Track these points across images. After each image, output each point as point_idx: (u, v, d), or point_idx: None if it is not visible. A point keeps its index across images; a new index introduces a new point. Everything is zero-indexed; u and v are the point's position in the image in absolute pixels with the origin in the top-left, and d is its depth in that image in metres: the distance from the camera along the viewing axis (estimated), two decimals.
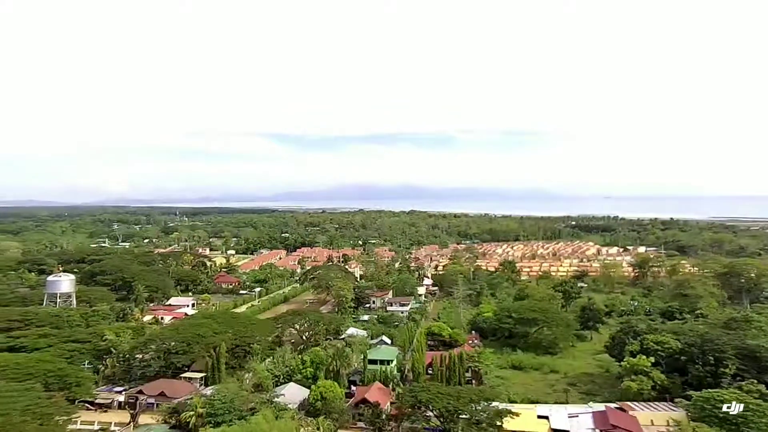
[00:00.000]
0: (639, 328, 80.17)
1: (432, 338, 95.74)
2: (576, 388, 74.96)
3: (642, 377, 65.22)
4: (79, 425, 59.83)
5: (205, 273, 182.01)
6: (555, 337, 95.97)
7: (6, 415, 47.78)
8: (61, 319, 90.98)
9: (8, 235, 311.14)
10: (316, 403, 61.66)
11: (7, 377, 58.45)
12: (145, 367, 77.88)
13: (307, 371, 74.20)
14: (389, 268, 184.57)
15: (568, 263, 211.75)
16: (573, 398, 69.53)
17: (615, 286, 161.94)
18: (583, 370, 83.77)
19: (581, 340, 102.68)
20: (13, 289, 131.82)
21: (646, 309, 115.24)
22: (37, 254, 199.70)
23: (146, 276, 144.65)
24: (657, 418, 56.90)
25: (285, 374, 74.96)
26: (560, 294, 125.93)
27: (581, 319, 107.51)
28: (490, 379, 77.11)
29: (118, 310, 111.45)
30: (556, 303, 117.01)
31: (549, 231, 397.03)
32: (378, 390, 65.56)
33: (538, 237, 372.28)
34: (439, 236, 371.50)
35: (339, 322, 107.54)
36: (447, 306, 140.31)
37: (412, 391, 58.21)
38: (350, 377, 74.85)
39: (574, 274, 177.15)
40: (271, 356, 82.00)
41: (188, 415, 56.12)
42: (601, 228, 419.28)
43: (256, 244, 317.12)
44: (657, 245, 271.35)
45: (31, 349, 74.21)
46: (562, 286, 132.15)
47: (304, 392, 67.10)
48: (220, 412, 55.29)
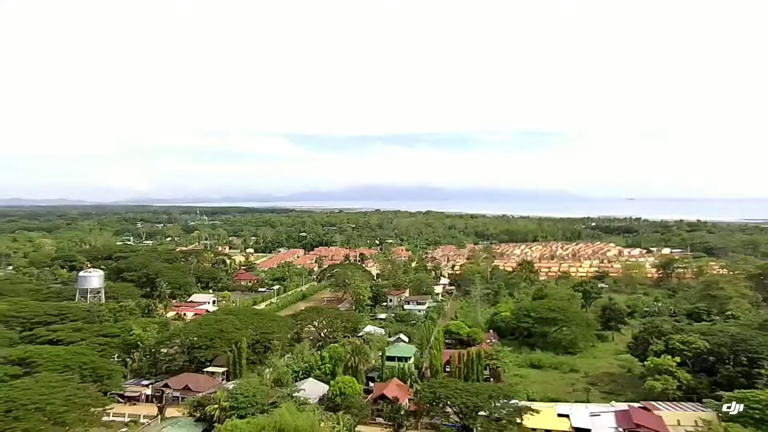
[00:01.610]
0: (663, 328, 79.03)
1: (449, 337, 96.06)
2: (597, 387, 74.54)
3: (667, 377, 64.39)
4: (112, 417, 61.85)
5: (225, 271, 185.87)
6: (575, 336, 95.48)
7: (52, 404, 50.13)
8: (92, 314, 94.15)
9: (43, 233, 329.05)
10: (336, 398, 62.70)
11: (49, 368, 61.02)
12: (170, 362, 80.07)
13: (326, 367, 75.36)
14: (406, 268, 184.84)
15: (588, 264, 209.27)
16: (594, 397, 69.16)
17: (637, 287, 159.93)
18: (604, 370, 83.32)
19: (602, 340, 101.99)
20: (49, 284, 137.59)
21: (670, 310, 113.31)
22: (68, 251, 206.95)
23: (169, 273, 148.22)
24: (684, 418, 55.94)
25: (304, 370, 76.35)
26: (580, 294, 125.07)
27: (602, 319, 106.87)
28: (509, 378, 77.04)
29: (144, 306, 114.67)
30: (576, 303, 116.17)
31: (568, 232, 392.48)
32: (396, 386, 66.26)
33: (557, 238, 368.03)
34: (455, 236, 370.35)
35: (356, 320, 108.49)
36: (464, 305, 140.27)
37: (430, 387, 58.67)
38: (368, 374, 75.78)
39: (594, 275, 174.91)
40: (290, 352, 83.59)
41: (212, 409, 57.43)
42: (623, 229, 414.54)
43: (275, 242, 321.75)
44: (683, 247, 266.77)
45: (67, 342, 76.85)
46: (581, 287, 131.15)
47: (324, 387, 68.25)
48: (243, 405, 56.69)
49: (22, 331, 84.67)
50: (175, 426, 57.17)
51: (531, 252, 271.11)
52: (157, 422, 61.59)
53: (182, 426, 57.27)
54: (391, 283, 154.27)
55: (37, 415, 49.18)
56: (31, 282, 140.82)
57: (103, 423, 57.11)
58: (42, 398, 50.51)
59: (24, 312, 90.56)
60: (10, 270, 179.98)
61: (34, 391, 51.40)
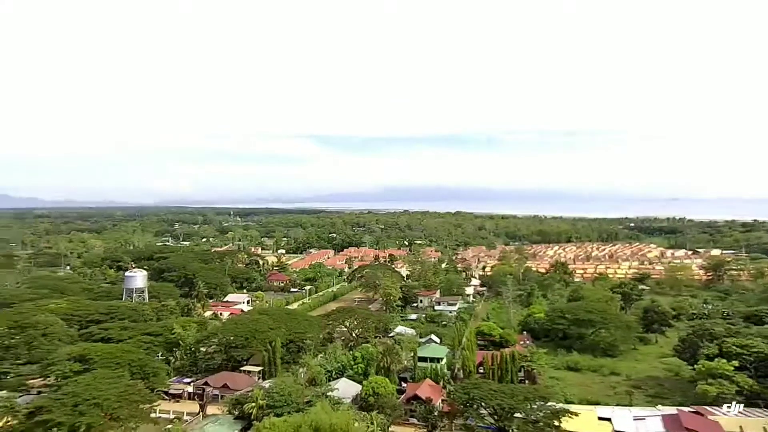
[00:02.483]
0: (716, 331, 75.58)
1: (482, 338, 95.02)
2: (641, 391, 72.27)
3: (722, 381, 61.60)
4: (158, 413, 63.84)
5: (258, 271, 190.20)
6: (614, 339, 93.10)
7: (108, 400, 52.75)
8: (138, 313, 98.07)
9: (93, 234, 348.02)
10: (369, 398, 63.15)
11: (103, 365, 63.93)
12: (209, 360, 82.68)
13: (359, 367, 76.04)
14: (436, 268, 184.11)
15: (627, 265, 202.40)
16: (638, 401, 66.91)
17: (683, 288, 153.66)
18: (648, 373, 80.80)
19: (645, 343, 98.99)
20: (100, 283, 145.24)
21: (723, 312, 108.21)
22: (114, 252, 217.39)
23: (205, 273, 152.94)
24: (749, 424, 52.43)
25: (337, 370, 77.20)
26: (619, 296, 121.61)
27: (644, 321, 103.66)
28: (545, 380, 75.65)
29: (183, 306, 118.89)
30: (615, 305, 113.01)
31: (604, 233, 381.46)
32: (429, 386, 66.19)
33: (593, 239, 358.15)
34: (486, 237, 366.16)
35: (387, 320, 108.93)
36: (496, 306, 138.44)
37: (464, 388, 58.26)
38: (400, 374, 75.81)
39: (633, 277, 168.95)
40: (323, 352, 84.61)
41: (250, 407, 58.95)
42: (665, 230, 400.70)
43: (305, 243, 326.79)
44: (736, 248, 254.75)
45: (116, 340, 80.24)
46: (620, 288, 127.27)
47: (356, 387, 68.88)
48: (279, 404, 57.92)
49: (80, 328, 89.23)
50: (216, 423, 59.04)
51: (565, 253, 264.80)
52: (198, 419, 63.57)
53: (222, 423, 59.09)
54: (421, 284, 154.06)
55: (97, 410, 51.72)
56: (85, 282, 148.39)
57: (150, 419, 59.26)
58: (100, 394, 53.03)
59: (80, 310, 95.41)
60: (68, 270, 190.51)
61: (92, 386, 53.95)
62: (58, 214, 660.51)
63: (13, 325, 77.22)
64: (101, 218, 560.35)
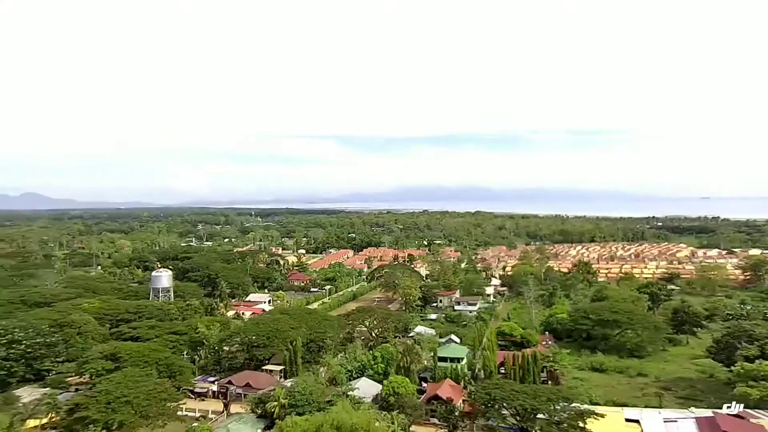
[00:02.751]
0: (757, 332, 72.96)
1: (503, 338, 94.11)
2: (671, 392, 70.28)
3: (766, 384, 59.18)
4: (185, 411, 65.31)
5: (279, 271, 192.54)
6: (641, 339, 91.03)
7: (137, 397, 54.30)
8: (163, 312, 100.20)
9: (122, 235, 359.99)
10: (389, 397, 63.22)
11: (133, 364, 65.69)
12: (231, 359, 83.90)
13: (379, 367, 76.25)
14: (455, 268, 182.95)
15: (654, 265, 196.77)
16: (668, 403, 65.02)
17: (717, 289, 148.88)
18: (678, 375, 78.62)
19: (674, 344, 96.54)
20: (129, 283, 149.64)
21: (764, 313, 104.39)
22: (141, 252, 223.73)
23: (228, 273, 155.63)
24: None
25: (357, 369, 77.52)
26: (646, 296, 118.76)
27: (673, 322, 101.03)
28: (568, 381, 74.50)
29: (207, 305, 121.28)
30: (641, 305, 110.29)
31: (629, 232, 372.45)
32: (449, 387, 65.88)
33: (617, 238, 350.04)
34: (506, 237, 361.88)
35: (407, 320, 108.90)
36: (517, 306, 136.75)
37: (485, 389, 57.72)
38: (420, 374, 75.71)
39: (661, 277, 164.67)
40: (343, 352, 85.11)
41: (273, 406, 59.66)
42: (696, 230, 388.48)
43: (325, 243, 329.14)
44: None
45: (144, 339, 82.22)
46: (647, 288, 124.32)
47: (377, 387, 69.04)
48: (301, 403, 58.47)
49: (111, 327, 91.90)
50: (240, 422, 59.97)
51: (588, 253, 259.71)
52: (223, 418, 64.69)
53: (246, 422, 60.01)
54: (440, 284, 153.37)
55: (128, 407, 53.28)
56: (115, 281, 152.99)
57: (177, 417, 60.50)
58: (130, 392, 54.59)
59: (111, 310, 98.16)
60: (99, 270, 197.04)
61: (123, 385, 55.52)
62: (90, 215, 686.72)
63: (53, 323, 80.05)
64: (129, 219, 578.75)
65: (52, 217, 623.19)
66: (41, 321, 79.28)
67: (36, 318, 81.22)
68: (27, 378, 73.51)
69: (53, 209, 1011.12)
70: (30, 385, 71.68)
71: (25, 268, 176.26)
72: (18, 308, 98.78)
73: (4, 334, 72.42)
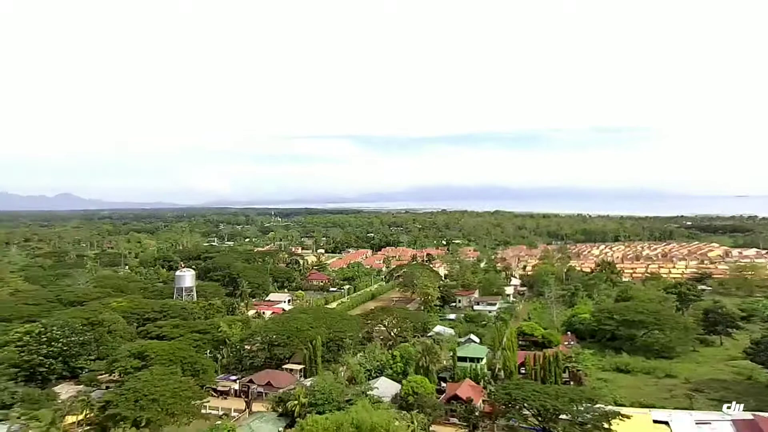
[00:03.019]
0: None
1: (523, 338, 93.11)
2: (703, 394, 68.04)
3: None
4: (208, 410, 66.28)
5: (298, 271, 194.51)
6: (669, 340, 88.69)
7: (163, 395, 55.59)
8: (187, 311, 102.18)
9: (147, 234, 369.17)
10: (408, 397, 63.16)
11: (159, 362, 66.99)
12: (253, 358, 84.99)
13: (398, 366, 76.19)
14: (474, 268, 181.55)
15: (684, 265, 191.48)
16: (700, 405, 63.05)
17: (754, 289, 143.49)
18: (711, 376, 76.16)
19: (706, 345, 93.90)
20: (154, 282, 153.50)
21: None
22: (166, 252, 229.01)
23: (248, 273, 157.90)
24: None
25: (376, 368, 77.55)
26: (674, 296, 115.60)
27: (705, 323, 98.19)
28: (592, 381, 73.09)
29: (228, 304, 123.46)
30: (669, 305, 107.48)
31: (656, 231, 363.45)
32: (469, 387, 65.48)
33: (643, 238, 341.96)
34: (526, 237, 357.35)
35: (426, 320, 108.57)
36: (537, 307, 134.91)
37: (505, 389, 57.19)
38: (439, 374, 75.43)
39: (691, 277, 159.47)
40: (362, 351, 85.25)
41: (293, 404, 60.23)
42: (731, 229, 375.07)
43: (344, 243, 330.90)
44: None
45: (169, 337, 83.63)
46: (676, 288, 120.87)
47: (396, 386, 69.04)
48: (321, 402, 58.89)
49: (138, 326, 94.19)
50: (261, 420, 60.70)
51: (612, 252, 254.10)
52: (245, 416, 65.47)
53: (267, 420, 60.74)
54: (459, 284, 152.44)
55: (155, 405, 54.54)
56: (141, 281, 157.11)
57: (201, 415, 61.50)
58: (156, 390, 55.79)
59: (138, 309, 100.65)
60: (127, 269, 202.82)
61: (150, 383, 56.78)
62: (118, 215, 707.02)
63: (86, 322, 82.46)
64: (154, 219, 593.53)
65: (84, 217, 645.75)
66: (75, 320, 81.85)
67: (70, 317, 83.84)
68: (64, 375, 76.18)
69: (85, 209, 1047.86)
70: (66, 383, 74.26)
71: (60, 267, 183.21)
72: (55, 307, 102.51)
73: (44, 332, 75.01)
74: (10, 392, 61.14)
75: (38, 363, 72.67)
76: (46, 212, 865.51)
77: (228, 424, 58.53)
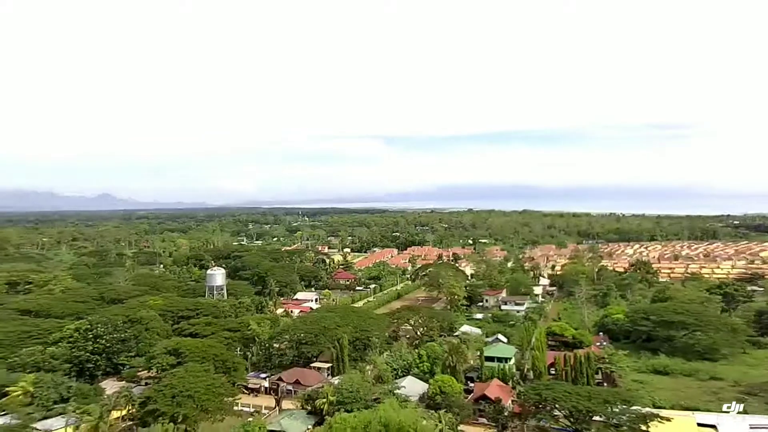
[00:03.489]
0: None
1: (553, 338, 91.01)
2: (759, 398, 64.69)
3: None
4: (239, 407, 67.54)
5: (325, 270, 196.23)
6: (714, 342, 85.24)
7: (197, 392, 57.01)
8: (218, 310, 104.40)
9: (180, 234, 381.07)
10: (436, 396, 62.84)
11: (192, 359, 68.44)
12: (281, 356, 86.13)
13: (424, 365, 75.83)
14: (501, 268, 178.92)
15: (730, 265, 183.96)
16: (753, 409, 59.68)
17: None
18: (766, 380, 71.91)
19: (759, 347, 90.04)
20: (186, 281, 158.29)
21: None
22: (198, 251, 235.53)
23: (276, 272, 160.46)
24: None
25: (403, 368, 77.50)
26: (719, 297, 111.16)
27: (758, 324, 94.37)
28: (626, 383, 70.92)
29: (257, 303, 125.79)
30: (714, 307, 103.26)
31: (698, 231, 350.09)
32: (498, 386, 64.62)
33: (683, 237, 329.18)
34: (555, 236, 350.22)
35: (452, 319, 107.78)
36: (568, 307, 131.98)
37: (535, 389, 56.08)
38: (466, 373, 74.76)
39: (739, 277, 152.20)
40: (388, 350, 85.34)
41: (322, 402, 60.94)
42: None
43: (369, 242, 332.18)
44: None
45: (202, 335, 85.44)
46: (720, 289, 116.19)
47: (423, 386, 68.80)
48: (348, 400, 59.40)
49: (173, 324, 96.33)
50: (291, 417, 61.50)
51: (647, 252, 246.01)
52: (275, 413, 66.57)
53: (297, 418, 61.55)
54: (486, 283, 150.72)
55: (190, 401, 55.96)
56: (175, 279, 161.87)
57: (234, 412, 62.86)
58: (191, 386, 57.11)
59: (173, 307, 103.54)
60: (162, 268, 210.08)
61: (185, 380, 58.13)
62: (153, 215, 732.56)
63: (126, 319, 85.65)
64: (186, 219, 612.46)
65: (122, 217, 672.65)
66: (116, 317, 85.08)
67: (112, 314, 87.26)
68: (108, 371, 79.34)
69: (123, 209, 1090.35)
70: (110, 378, 77.49)
71: (102, 265, 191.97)
72: (99, 304, 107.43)
73: (90, 329, 78.30)
74: (66, 386, 64.51)
75: (86, 359, 76.11)
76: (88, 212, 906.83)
77: (259, 421, 59.59)
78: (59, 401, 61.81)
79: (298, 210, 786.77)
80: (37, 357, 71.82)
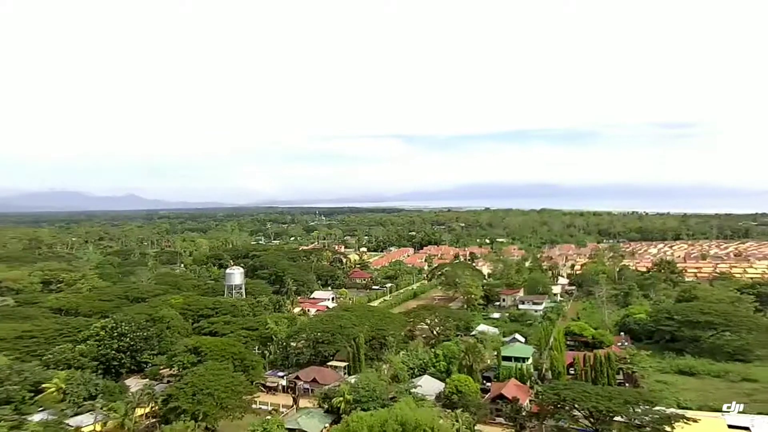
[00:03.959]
0: None
1: (572, 338, 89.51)
2: None
3: None
4: (258, 405, 68.27)
5: (342, 269, 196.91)
6: (745, 342, 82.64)
7: (217, 390, 58.03)
8: (236, 308, 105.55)
9: (200, 233, 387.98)
10: (452, 396, 62.52)
11: (212, 357, 69.52)
12: (298, 355, 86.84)
13: (441, 365, 75.50)
14: (519, 267, 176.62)
15: (764, 265, 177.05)
16: None
17: None
18: None
19: None
20: (206, 280, 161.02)
21: None
22: (217, 250, 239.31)
23: (294, 271, 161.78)
24: None
25: (419, 367, 77.34)
26: (751, 297, 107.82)
27: None
28: (649, 384, 69.18)
29: (275, 302, 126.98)
30: (745, 307, 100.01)
31: (727, 229, 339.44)
32: (515, 386, 63.90)
33: (710, 236, 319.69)
34: (575, 235, 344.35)
35: (469, 319, 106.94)
36: (587, 306, 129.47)
37: (553, 389, 55.23)
38: (483, 373, 74.12)
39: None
40: (404, 349, 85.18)
41: (338, 401, 61.28)
42: None
43: (386, 242, 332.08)
44: None
45: (221, 334, 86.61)
46: (753, 289, 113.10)
47: (439, 385, 68.52)
48: (365, 399, 59.62)
49: (193, 322, 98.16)
50: (308, 416, 61.98)
51: (672, 251, 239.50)
52: (293, 412, 67.24)
53: (314, 416, 62.01)
54: (503, 283, 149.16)
55: (210, 399, 56.96)
56: (195, 278, 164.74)
57: (252, 410, 63.57)
58: (211, 384, 58.14)
59: (193, 306, 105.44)
60: (182, 267, 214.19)
61: (205, 378, 59.16)
62: (175, 215, 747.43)
63: (148, 318, 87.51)
64: (206, 219, 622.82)
65: (146, 217, 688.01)
66: (139, 315, 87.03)
67: (135, 312, 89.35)
68: (132, 369, 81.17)
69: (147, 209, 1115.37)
70: (134, 376, 79.24)
71: (126, 265, 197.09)
72: (123, 303, 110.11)
73: (115, 327, 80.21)
74: (94, 384, 66.52)
75: (111, 357, 78.13)
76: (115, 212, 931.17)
77: (277, 419, 60.21)
78: (88, 398, 63.63)
79: (315, 209, 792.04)
80: (68, 354, 74.22)
